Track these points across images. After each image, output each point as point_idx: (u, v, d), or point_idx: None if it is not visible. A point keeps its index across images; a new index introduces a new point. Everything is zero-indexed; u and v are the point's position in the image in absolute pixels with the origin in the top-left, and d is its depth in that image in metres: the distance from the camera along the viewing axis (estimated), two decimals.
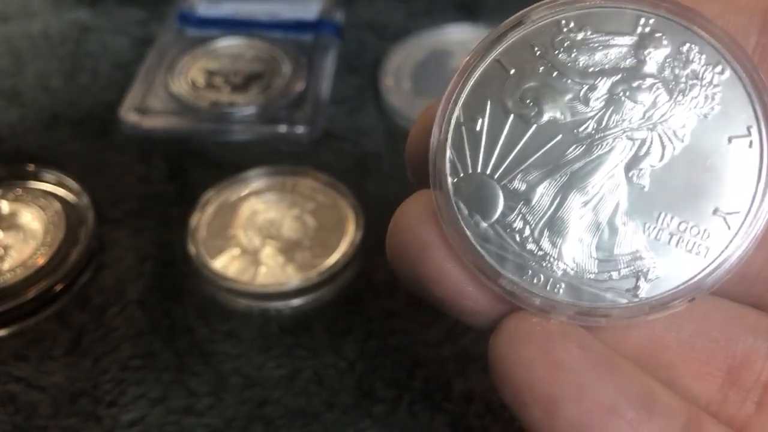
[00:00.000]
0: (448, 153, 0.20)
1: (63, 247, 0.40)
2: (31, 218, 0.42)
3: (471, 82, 0.21)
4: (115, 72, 0.55)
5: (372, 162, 0.47)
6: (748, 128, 0.20)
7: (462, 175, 0.20)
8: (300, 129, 0.49)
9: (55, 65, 0.55)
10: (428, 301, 0.21)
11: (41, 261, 0.40)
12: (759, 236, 0.20)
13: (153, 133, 0.49)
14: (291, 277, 0.40)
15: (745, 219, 0.20)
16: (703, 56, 0.20)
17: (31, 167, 0.45)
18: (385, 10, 0.60)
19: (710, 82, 0.20)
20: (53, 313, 0.39)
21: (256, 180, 0.45)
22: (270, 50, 0.55)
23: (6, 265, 0.40)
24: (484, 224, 0.20)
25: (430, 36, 0.56)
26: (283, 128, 0.49)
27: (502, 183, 0.20)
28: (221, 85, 0.52)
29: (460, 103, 0.21)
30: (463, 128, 0.20)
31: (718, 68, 0.20)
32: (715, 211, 0.20)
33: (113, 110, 0.50)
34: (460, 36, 0.56)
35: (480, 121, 0.20)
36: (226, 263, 0.41)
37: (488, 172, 0.20)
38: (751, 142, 0.20)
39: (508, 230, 0.20)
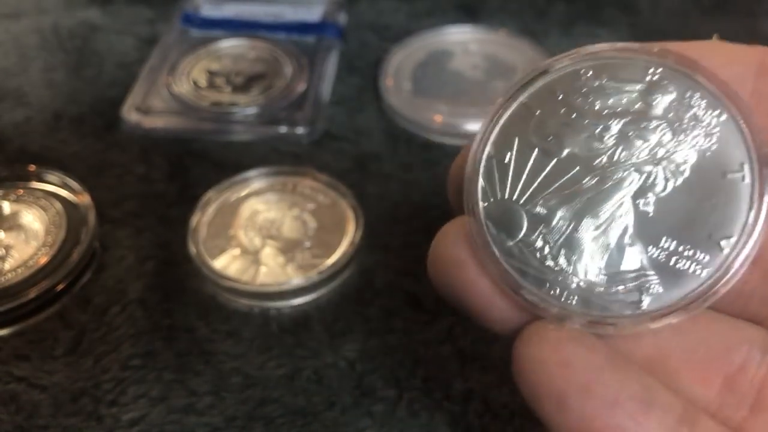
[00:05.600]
0: (480, 182, 0.23)
1: (64, 248, 0.41)
2: (32, 219, 0.42)
3: (501, 123, 0.24)
4: (119, 71, 0.55)
5: (372, 162, 0.47)
6: (741, 165, 0.22)
7: (492, 200, 0.23)
8: (300, 129, 0.49)
9: (61, 59, 0.55)
10: (461, 310, 0.24)
11: (42, 261, 0.40)
12: (749, 258, 0.22)
13: (154, 132, 0.49)
14: (291, 276, 0.40)
15: (736, 243, 0.22)
16: (704, 102, 0.23)
17: (32, 168, 0.45)
18: (387, 10, 0.60)
19: (709, 124, 0.23)
20: (54, 312, 0.39)
21: (256, 180, 0.45)
22: (272, 51, 0.55)
23: (7, 265, 0.40)
24: (509, 243, 0.23)
25: (431, 37, 0.56)
26: (283, 129, 0.49)
27: (526, 208, 0.23)
28: (223, 86, 0.53)
29: (491, 140, 0.24)
30: (494, 161, 0.23)
31: (717, 112, 0.22)
32: (710, 237, 0.22)
33: (115, 109, 0.50)
34: (460, 37, 0.56)
35: (508, 154, 0.23)
36: (226, 263, 0.41)
37: (514, 198, 0.23)
38: (743, 177, 0.22)
39: (530, 248, 0.23)
